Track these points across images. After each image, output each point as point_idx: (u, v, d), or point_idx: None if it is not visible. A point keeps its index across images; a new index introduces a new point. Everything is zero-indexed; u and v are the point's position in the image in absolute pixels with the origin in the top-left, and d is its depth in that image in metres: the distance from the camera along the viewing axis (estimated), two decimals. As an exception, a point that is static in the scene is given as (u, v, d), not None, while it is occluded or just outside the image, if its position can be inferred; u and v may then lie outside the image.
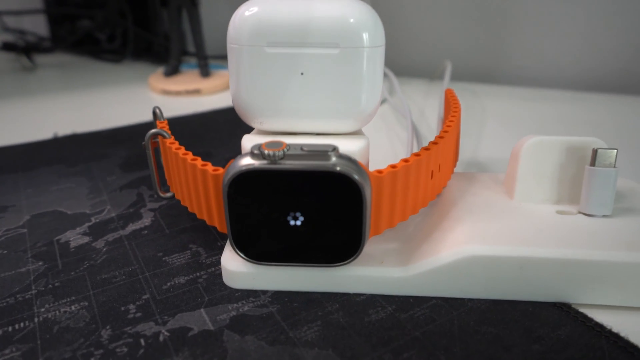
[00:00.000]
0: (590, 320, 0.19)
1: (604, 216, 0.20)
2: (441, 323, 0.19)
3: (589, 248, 0.19)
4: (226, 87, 0.52)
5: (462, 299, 0.20)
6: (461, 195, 0.22)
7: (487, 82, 0.53)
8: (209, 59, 0.54)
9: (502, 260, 0.19)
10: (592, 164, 0.20)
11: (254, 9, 0.19)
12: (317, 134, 0.21)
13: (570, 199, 0.22)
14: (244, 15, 0.19)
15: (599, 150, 0.20)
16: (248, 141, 0.21)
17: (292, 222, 0.19)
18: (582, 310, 0.19)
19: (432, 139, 0.22)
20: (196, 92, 0.50)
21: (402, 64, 0.58)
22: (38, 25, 0.80)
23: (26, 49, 0.63)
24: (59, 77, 0.58)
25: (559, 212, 0.21)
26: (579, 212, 0.21)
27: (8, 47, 0.64)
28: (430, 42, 0.56)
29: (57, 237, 0.25)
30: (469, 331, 0.18)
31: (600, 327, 0.18)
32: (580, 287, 0.19)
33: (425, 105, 0.45)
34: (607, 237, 0.19)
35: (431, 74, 0.55)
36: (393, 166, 0.19)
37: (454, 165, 0.25)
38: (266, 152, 0.17)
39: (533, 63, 0.51)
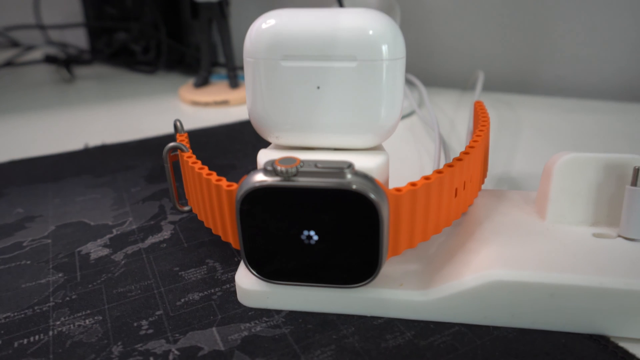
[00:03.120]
0: (632, 356, 0.17)
1: (647, 241, 0.19)
2: (464, 352, 0.17)
3: (630, 276, 0.17)
4: (254, 98, 0.52)
5: (487, 327, 0.18)
6: (488, 215, 0.21)
7: (523, 92, 0.51)
8: (238, 69, 0.55)
9: (530, 287, 0.17)
10: (634, 183, 0.19)
11: (271, 22, 0.18)
12: (335, 149, 0.20)
13: (608, 221, 0.20)
14: (260, 28, 0.19)
15: (641, 169, 0.18)
16: (264, 156, 0.20)
17: (306, 241, 0.18)
18: (622, 344, 0.17)
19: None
20: (224, 103, 0.50)
21: (433, 73, 0.57)
22: (79, 38, 0.83)
23: (66, 61, 0.65)
24: (95, 88, 0.60)
25: (596, 235, 0.19)
26: (619, 236, 0.19)
27: (50, 59, 0.67)
28: (462, 51, 0.55)
29: (78, 249, 0.25)
30: (493, 363, 0.17)
31: (642, 364, 0.17)
32: (620, 318, 0.17)
33: (456, 117, 0.43)
34: (650, 265, 0.18)
35: (464, 84, 0.54)
36: (413, 184, 0.18)
37: (482, 182, 0.23)
38: (279, 168, 0.17)
39: (573, 72, 0.49)
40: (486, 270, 0.18)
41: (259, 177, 0.17)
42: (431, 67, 0.57)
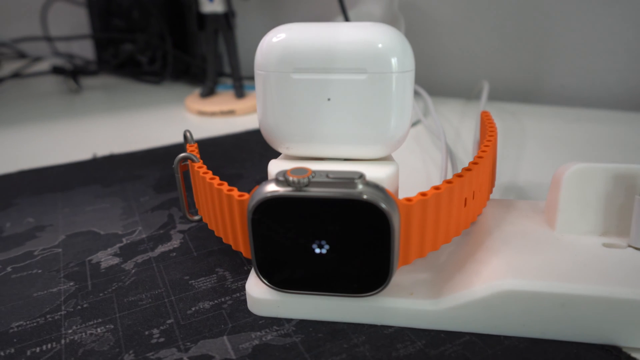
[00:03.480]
0: (644, 366, 0.17)
1: (657, 250, 0.19)
2: (475, 362, 0.17)
3: (640, 286, 0.17)
4: (260, 108, 0.52)
5: (498, 336, 0.18)
6: (497, 225, 0.21)
7: (527, 102, 0.51)
8: (243, 80, 0.55)
9: (541, 297, 0.17)
10: (643, 193, 0.19)
11: (282, 36, 0.19)
12: (345, 160, 0.21)
13: (618, 231, 0.20)
14: (271, 41, 0.19)
15: (650, 179, 0.19)
16: (274, 166, 0.20)
17: (317, 250, 0.18)
18: (634, 355, 0.17)
19: (468, 161, 0.21)
20: (230, 112, 0.51)
21: (437, 83, 0.57)
22: (85, 50, 0.84)
23: (73, 72, 0.66)
24: (102, 99, 0.60)
25: (606, 245, 0.19)
26: (629, 246, 0.19)
27: (57, 70, 0.68)
28: (467, 60, 0.55)
29: (89, 258, 0.25)
30: (505, 373, 0.17)
31: (654, 374, 0.17)
32: (631, 329, 0.17)
33: (461, 126, 0.44)
34: (660, 274, 0.18)
35: (468, 94, 0.54)
36: (423, 194, 0.18)
37: (490, 192, 0.24)
38: (291, 179, 0.17)
39: (577, 81, 0.49)
40: (497, 279, 0.18)
41: (271, 188, 0.17)
42: (436, 77, 0.58)
